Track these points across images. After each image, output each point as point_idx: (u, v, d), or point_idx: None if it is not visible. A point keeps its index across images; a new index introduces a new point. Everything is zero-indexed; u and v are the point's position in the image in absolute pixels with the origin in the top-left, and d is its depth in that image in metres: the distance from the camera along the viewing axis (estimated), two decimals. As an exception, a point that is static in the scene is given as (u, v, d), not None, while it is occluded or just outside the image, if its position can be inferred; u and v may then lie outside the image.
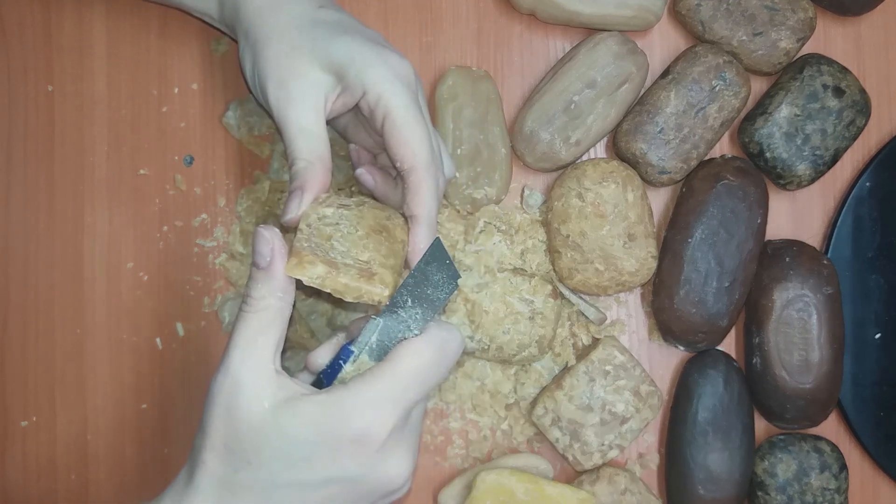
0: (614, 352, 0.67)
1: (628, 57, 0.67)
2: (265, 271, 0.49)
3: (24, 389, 0.68)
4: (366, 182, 0.61)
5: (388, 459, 0.48)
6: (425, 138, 0.55)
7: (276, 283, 0.49)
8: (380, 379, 0.48)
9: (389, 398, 0.48)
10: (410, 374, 0.48)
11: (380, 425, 0.47)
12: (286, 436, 0.47)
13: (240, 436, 0.47)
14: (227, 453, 0.48)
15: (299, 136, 0.55)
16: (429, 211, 0.55)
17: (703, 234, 0.66)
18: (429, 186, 0.55)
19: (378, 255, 0.52)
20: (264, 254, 0.49)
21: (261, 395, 0.47)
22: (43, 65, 0.69)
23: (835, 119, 0.68)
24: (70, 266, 0.69)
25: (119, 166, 0.69)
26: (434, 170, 0.56)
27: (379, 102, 0.55)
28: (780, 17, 0.68)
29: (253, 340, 0.48)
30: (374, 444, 0.47)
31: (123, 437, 0.68)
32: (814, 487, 0.67)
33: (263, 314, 0.49)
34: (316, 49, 0.56)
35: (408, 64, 0.57)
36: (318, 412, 0.47)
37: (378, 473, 0.48)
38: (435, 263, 0.52)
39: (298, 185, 0.55)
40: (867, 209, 0.70)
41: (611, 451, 0.67)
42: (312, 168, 0.55)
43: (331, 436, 0.47)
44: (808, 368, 0.66)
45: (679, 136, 0.67)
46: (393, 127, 0.55)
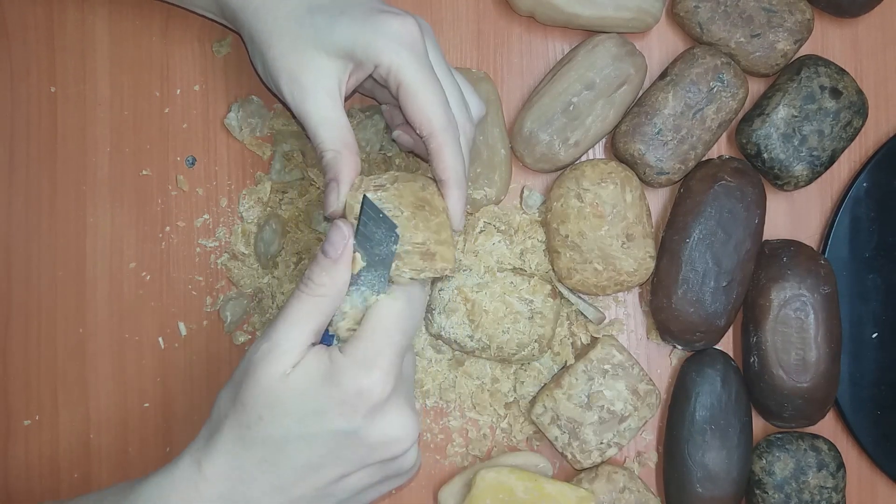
0: (613, 351, 0.67)
1: (627, 58, 0.67)
2: (333, 262, 0.52)
3: (26, 388, 0.69)
4: (404, 142, 0.62)
5: (389, 411, 0.51)
6: (438, 102, 0.56)
7: (339, 275, 0.52)
8: (363, 339, 0.51)
9: (376, 353, 0.51)
10: (388, 327, 0.52)
11: (376, 380, 0.50)
12: (295, 392, 0.50)
13: (256, 394, 0.50)
14: (243, 410, 0.51)
15: (321, 127, 0.56)
16: (455, 173, 0.56)
17: (700, 234, 0.66)
18: (450, 149, 0.56)
19: (430, 232, 0.54)
20: (337, 246, 0.52)
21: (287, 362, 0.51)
22: (45, 66, 0.70)
23: (832, 120, 0.68)
24: (72, 266, 0.69)
25: (121, 167, 0.70)
26: (452, 131, 0.56)
27: (390, 74, 0.56)
28: (777, 19, 0.68)
29: (302, 319, 0.51)
30: (376, 397, 0.50)
31: (126, 435, 0.69)
32: (811, 486, 0.67)
33: (319, 300, 0.52)
34: (319, 37, 0.56)
35: (410, 21, 0.56)
36: (323, 369, 0.50)
37: (380, 424, 0.51)
38: (370, 222, 0.53)
39: (332, 175, 0.56)
40: (864, 209, 0.71)
41: (609, 450, 0.67)
42: (341, 157, 0.56)
43: (336, 391, 0.50)
44: (806, 368, 0.66)
45: (677, 137, 0.67)
46: (406, 96, 0.56)
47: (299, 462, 0.51)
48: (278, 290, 0.68)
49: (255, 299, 0.69)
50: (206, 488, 0.51)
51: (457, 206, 0.57)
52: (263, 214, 0.69)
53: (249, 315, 0.69)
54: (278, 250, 0.68)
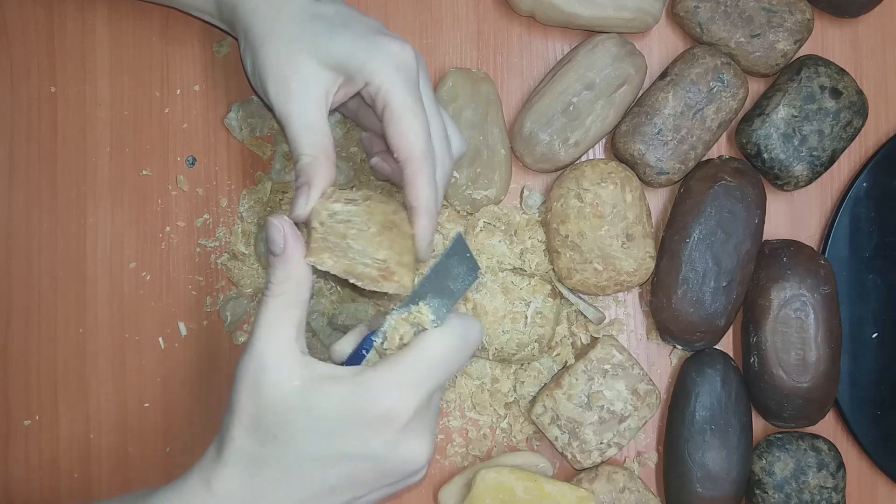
0: (613, 351, 0.67)
1: (627, 59, 0.67)
2: (281, 257, 0.51)
3: (26, 389, 0.69)
4: (382, 170, 0.62)
5: (411, 440, 0.50)
6: (420, 130, 0.56)
7: (292, 266, 0.51)
8: (405, 363, 0.50)
9: (414, 381, 0.50)
10: (434, 360, 0.50)
11: (404, 406, 0.49)
12: (314, 412, 0.49)
13: (267, 412, 0.49)
14: (254, 429, 0.50)
15: (302, 132, 0.56)
16: (426, 201, 0.56)
17: (700, 234, 0.66)
18: (425, 178, 0.56)
19: (393, 252, 0.53)
20: (277, 241, 0.51)
21: (287, 373, 0.49)
22: (46, 66, 0.70)
23: (832, 120, 0.68)
24: (73, 266, 0.69)
25: (121, 167, 0.70)
26: (430, 161, 0.56)
27: (378, 93, 0.56)
28: (777, 19, 0.68)
29: (275, 322, 0.50)
30: (398, 424, 0.49)
31: (126, 435, 0.69)
32: (811, 486, 0.67)
33: (284, 297, 0.51)
34: (315, 44, 0.56)
35: (409, 50, 0.57)
36: (346, 390, 0.49)
37: (400, 452, 0.50)
38: (456, 257, 0.53)
39: (305, 180, 0.55)
40: (864, 209, 0.71)
41: (609, 450, 0.67)
42: (318, 163, 0.55)
43: (358, 413, 0.49)
44: (806, 368, 0.66)
45: (677, 137, 0.67)
46: (390, 118, 0.55)
47: (314, 484, 0.50)
48: (278, 290, 0.68)
49: (256, 299, 0.69)
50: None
51: (424, 234, 0.56)
52: (263, 214, 0.69)
53: (249, 315, 0.69)
54: (278, 250, 0.68)
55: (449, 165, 0.59)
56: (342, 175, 0.68)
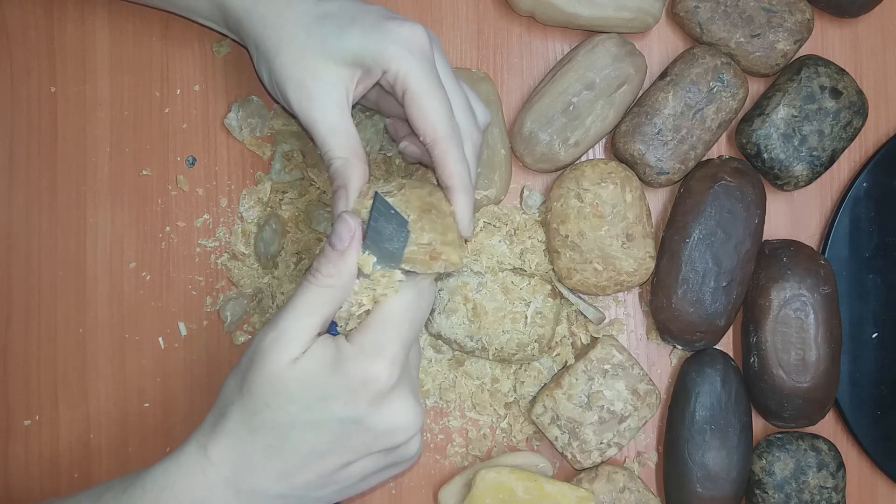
0: (613, 351, 0.67)
1: (627, 59, 0.67)
2: (339, 253, 0.52)
3: (26, 388, 0.69)
4: (411, 153, 0.62)
5: (394, 401, 0.52)
6: (442, 109, 0.56)
7: (345, 266, 0.52)
8: (372, 328, 0.52)
9: (383, 342, 0.51)
10: (397, 318, 0.52)
11: (382, 368, 0.51)
12: (302, 380, 0.51)
13: (263, 381, 0.51)
14: (249, 397, 0.51)
15: (330, 136, 0.57)
16: (460, 178, 0.57)
17: (700, 234, 0.66)
18: (454, 156, 0.56)
19: (436, 234, 0.54)
20: (344, 238, 0.52)
21: (293, 350, 0.51)
22: (46, 67, 0.70)
23: (832, 120, 0.68)
24: (73, 266, 0.69)
25: (121, 167, 0.70)
26: (457, 139, 0.57)
27: (397, 80, 0.56)
28: (777, 19, 0.68)
29: (309, 309, 0.52)
30: (380, 386, 0.51)
31: (126, 435, 0.69)
32: (811, 486, 0.67)
33: (326, 291, 0.52)
34: (327, 45, 0.56)
35: (420, 30, 0.57)
36: (329, 359, 0.51)
37: (384, 414, 0.52)
38: (381, 218, 0.53)
39: (341, 183, 0.56)
40: (864, 209, 0.71)
41: (609, 450, 0.67)
42: (350, 164, 0.56)
43: (340, 379, 0.51)
44: (806, 367, 0.66)
45: (677, 137, 0.67)
46: (411, 102, 0.56)
47: (305, 449, 0.52)
48: (278, 290, 0.68)
49: (255, 299, 0.69)
50: (212, 472, 0.52)
51: (464, 211, 0.57)
52: (263, 214, 0.69)
53: (249, 315, 0.69)
54: (278, 250, 0.68)
55: (477, 137, 0.59)
56: None
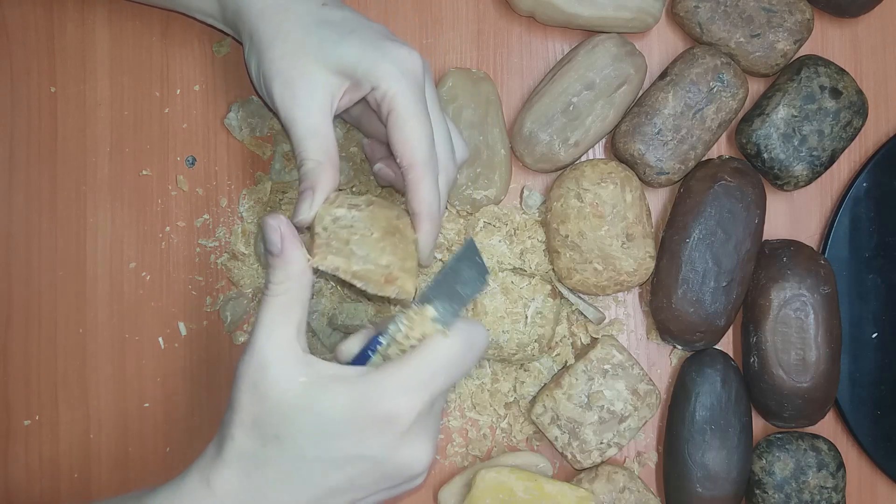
0: (613, 351, 0.67)
1: (627, 59, 0.67)
2: (280, 257, 0.51)
3: (26, 389, 0.69)
4: (385, 176, 0.62)
5: (412, 443, 0.50)
6: (424, 136, 0.56)
7: (291, 266, 0.51)
8: (409, 366, 0.50)
9: (418, 384, 0.49)
10: (438, 364, 0.50)
11: (407, 409, 0.49)
12: (317, 412, 0.49)
13: (269, 412, 0.49)
14: (255, 428, 0.49)
15: (307, 137, 0.56)
16: (429, 206, 0.56)
17: (700, 234, 0.66)
18: (427, 183, 0.56)
19: (396, 258, 0.53)
20: (275, 241, 0.51)
21: (289, 373, 0.49)
22: (46, 67, 0.70)
23: (832, 120, 0.68)
24: (73, 266, 0.69)
25: (121, 167, 0.70)
26: (433, 167, 0.56)
27: (384, 98, 0.56)
28: (777, 19, 0.68)
29: (276, 322, 0.50)
30: (401, 427, 0.49)
31: (126, 435, 0.69)
32: (811, 486, 0.67)
33: (284, 297, 0.51)
34: (322, 50, 0.56)
35: (416, 56, 0.57)
36: (350, 391, 0.49)
37: (401, 456, 0.50)
38: (466, 261, 0.53)
39: (309, 185, 0.55)
40: (864, 209, 0.71)
41: (609, 450, 0.67)
42: (322, 168, 0.56)
43: (361, 414, 0.49)
44: (806, 367, 0.66)
45: (677, 137, 0.67)
46: (395, 123, 0.56)
47: (314, 484, 0.50)
48: (278, 290, 0.68)
49: (256, 299, 0.69)
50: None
51: (427, 240, 0.56)
52: (263, 214, 0.69)
53: (249, 315, 0.69)
54: (278, 250, 0.68)
55: (452, 172, 0.59)
56: (342, 175, 0.68)
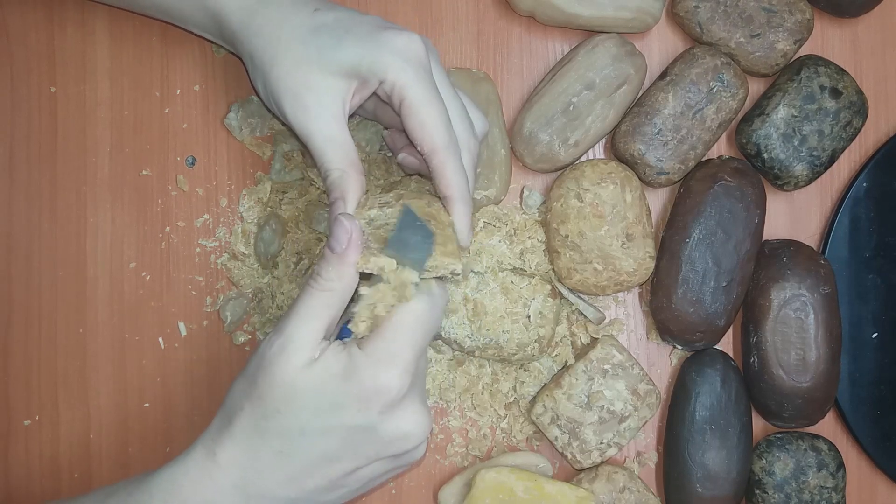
0: (613, 351, 0.67)
1: (626, 59, 0.67)
2: (338, 256, 0.52)
3: (27, 388, 0.69)
4: (410, 164, 0.62)
5: (405, 409, 0.52)
6: (440, 119, 0.56)
7: (345, 269, 0.52)
8: (383, 337, 0.51)
9: (395, 352, 0.51)
10: (410, 325, 0.52)
11: (394, 377, 0.51)
12: (314, 386, 0.51)
13: (274, 387, 0.51)
14: (260, 402, 0.51)
15: (327, 147, 0.56)
16: (458, 189, 0.56)
17: (700, 234, 0.66)
18: (452, 166, 0.56)
19: (436, 245, 0.54)
20: (341, 241, 0.52)
21: (303, 358, 0.51)
22: (46, 67, 0.70)
23: (832, 120, 0.68)
24: (73, 266, 0.69)
25: (122, 167, 0.70)
26: (454, 148, 0.56)
27: (394, 90, 0.56)
28: (777, 19, 0.68)
29: (312, 314, 0.52)
30: (392, 395, 0.51)
31: (126, 435, 0.69)
32: (811, 486, 0.67)
33: (328, 294, 0.52)
34: (323, 57, 0.56)
35: (417, 40, 0.57)
36: (341, 364, 0.51)
37: (396, 422, 0.52)
38: (408, 229, 0.53)
39: (339, 195, 0.56)
40: (864, 209, 0.71)
41: (609, 450, 0.67)
42: (347, 176, 0.56)
43: (353, 387, 0.50)
44: (806, 367, 0.66)
45: (677, 137, 0.67)
46: (409, 112, 0.56)
47: (315, 454, 0.52)
48: (278, 290, 0.68)
49: (255, 299, 0.69)
50: (220, 476, 0.52)
51: (463, 221, 0.57)
52: (263, 214, 0.69)
53: (249, 315, 0.69)
54: (278, 250, 0.68)
55: (475, 147, 0.59)
56: None
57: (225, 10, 0.59)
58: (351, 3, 0.71)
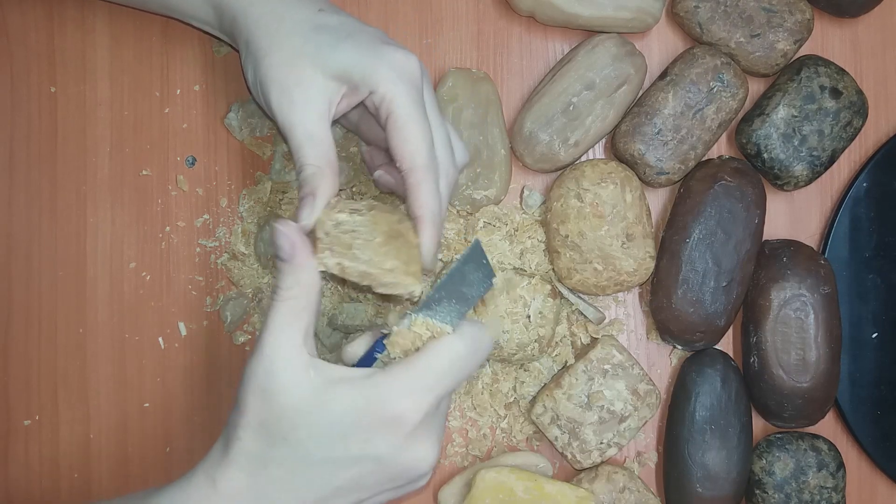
0: (613, 351, 0.67)
1: (626, 59, 0.68)
2: (289, 264, 0.51)
3: (27, 389, 0.69)
4: (386, 182, 0.62)
5: (418, 444, 0.51)
6: (423, 139, 0.56)
7: (301, 272, 0.51)
8: (416, 368, 0.50)
9: (424, 386, 0.50)
10: (444, 366, 0.51)
11: (413, 411, 0.49)
12: (323, 415, 0.49)
13: (277, 415, 0.49)
14: (262, 430, 0.50)
15: (306, 143, 0.56)
16: (430, 210, 0.56)
17: (700, 234, 0.66)
18: (428, 187, 0.56)
19: (400, 262, 0.54)
20: (285, 248, 0.51)
21: (297, 377, 0.50)
22: (46, 67, 0.70)
23: (832, 120, 0.68)
24: (73, 266, 0.69)
25: (122, 167, 0.70)
26: (433, 170, 0.56)
27: (383, 102, 0.56)
28: (777, 19, 0.68)
29: (284, 326, 0.51)
30: (407, 428, 0.50)
31: (126, 435, 0.69)
32: (811, 486, 0.67)
33: (293, 302, 0.51)
34: (319, 55, 0.56)
35: (413, 59, 0.57)
36: (356, 393, 0.49)
37: (407, 456, 0.50)
38: (472, 263, 0.53)
39: (309, 191, 0.55)
40: (864, 209, 0.71)
41: (609, 450, 0.67)
42: (322, 173, 0.55)
43: (367, 416, 0.49)
44: (806, 367, 0.66)
45: (677, 137, 0.67)
46: (394, 127, 0.56)
47: (320, 485, 0.50)
48: (278, 290, 0.68)
49: (256, 299, 0.69)
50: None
51: (429, 244, 0.56)
52: (263, 214, 0.69)
53: (249, 315, 0.69)
54: (278, 250, 0.68)
55: (453, 175, 0.59)
56: (342, 175, 0.68)
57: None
58: (352, 2, 0.71)
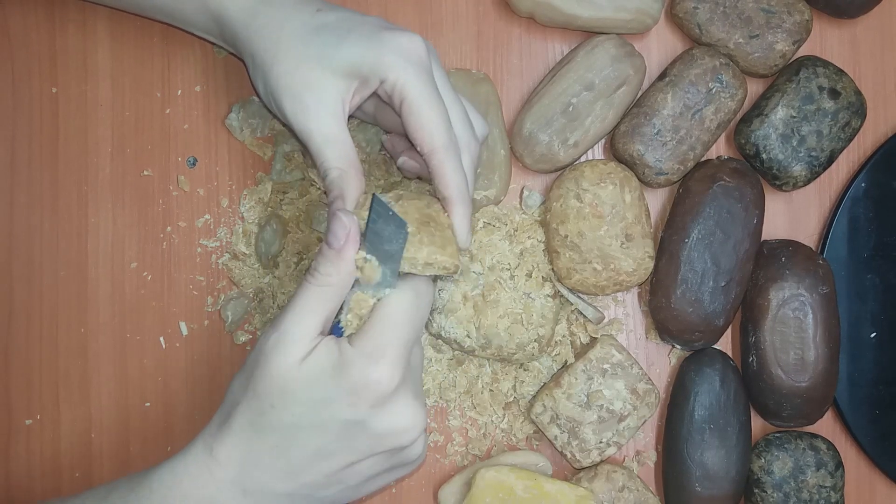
0: (612, 350, 0.67)
1: (626, 59, 0.68)
2: (336, 252, 0.52)
3: (28, 388, 0.69)
4: (410, 168, 0.62)
5: (397, 403, 0.52)
6: (440, 120, 0.56)
7: (343, 264, 0.52)
8: (371, 332, 0.52)
9: (384, 345, 0.52)
10: (395, 320, 0.52)
11: (384, 371, 0.51)
12: (306, 381, 0.51)
13: (269, 382, 0.51)
14: (256, 398, 0.52)
15: (326, 146, 0.56)
16: (457, 189, 0.56)
17: (699, 234, 0.66)
18: (451, 166, 0.56)
19: (435, 247, 0.54)
20: (339, 237, 0.52)
21: (299, 353, 0.51)
22: (47, 67, 0.70)
23: (830, 120, 0.68)
24: (74, 266, 0.69)
25: (123, 167, 0.70)
26: (454, 149, 0.56)
27: (394, 89, 0.56)
28: (776, 20, 0.68)
29: (309, 309, 0.52)
30: (383, 389, 0.51)
31: (127, 435, 0.69)
32: (810, 485, 0.68)
33: (326, 289, 0.52)
34: (324, 55, 0.56)
35: (418, 40, 0.57)
36: (333, 359, 0.51)
37: (388, 416, 0.52)
38: (380, 220, 0.53)
39: (337, 194, 0.56)
40: (863, 209, 0.71)
41: (608, 449, 0.67)
42: (346, 175, 0.56)
43: (345, 382, 0.51)
44: (804, 367, 0.66)
45: (676, 138, 0.67)
46: (409, 112, 0.56)
47: (309, 449, 0.52)
48: (279, 290, 0.68)
49: (257, 299, 0.69)
50: (219, 472, 0.52)
51: (462, 223, 0.57)
52: (264, 214, 0.69)
53: (250, 315, 0.70)
54: (279, 250, 0.69)
55: (475, 149, 0.59)
56: None
57: (227, 11, 0.60)
58: (351, 3, 0.71)
